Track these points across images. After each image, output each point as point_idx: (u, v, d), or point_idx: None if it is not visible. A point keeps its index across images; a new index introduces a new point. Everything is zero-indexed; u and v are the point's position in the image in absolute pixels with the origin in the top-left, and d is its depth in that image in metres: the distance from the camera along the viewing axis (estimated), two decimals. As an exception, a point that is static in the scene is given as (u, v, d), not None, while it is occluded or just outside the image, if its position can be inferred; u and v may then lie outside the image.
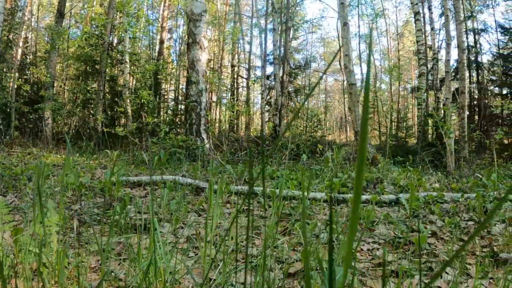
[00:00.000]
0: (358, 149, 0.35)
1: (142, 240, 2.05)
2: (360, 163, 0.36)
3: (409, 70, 32.32)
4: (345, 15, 9.67)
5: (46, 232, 1.47)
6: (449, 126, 7.72)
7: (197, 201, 3.45)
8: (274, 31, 16.33)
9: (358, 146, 0.35)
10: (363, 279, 1.72)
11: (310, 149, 9.88)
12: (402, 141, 13.69)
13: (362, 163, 0.36)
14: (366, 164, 7.97)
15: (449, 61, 12.14)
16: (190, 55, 8.87)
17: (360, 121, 0.38)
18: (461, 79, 10.98)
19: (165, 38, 20.09)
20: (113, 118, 14.13)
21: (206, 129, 8.76)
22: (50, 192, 3.36)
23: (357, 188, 0.37)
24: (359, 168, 0.36)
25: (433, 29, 16.20)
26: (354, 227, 0.40)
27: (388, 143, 10.10)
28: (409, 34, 28.07)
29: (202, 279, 1.40)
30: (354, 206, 0.38)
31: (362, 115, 0.34)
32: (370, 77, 4.60)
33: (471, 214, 3.21)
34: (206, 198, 3.44)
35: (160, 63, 15.49)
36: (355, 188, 0.37)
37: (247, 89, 22.02)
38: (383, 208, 3.58)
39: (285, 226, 2.59)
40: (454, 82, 15.73)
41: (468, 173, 6.74)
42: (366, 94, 0.35)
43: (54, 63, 13.02)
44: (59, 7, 12.63)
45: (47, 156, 7.97)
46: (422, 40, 14.51)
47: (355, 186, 0.37)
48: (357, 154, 0.35)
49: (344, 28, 9.51)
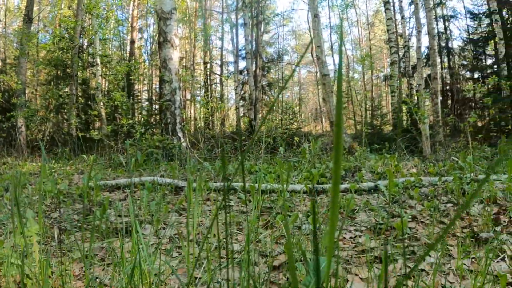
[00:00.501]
0: (334, 138, 0.35)
1: (125, 243, 2.03)
2: (336, 152, 0.36)
3: (381, 59, 32.63)
4: (316, 6, 9.71)
5: (27, 242, 1.45)
6: (423, 112, 7.83)
7: (177, 200, 3.43)
8: (245, 25, 16.32)
9: (334, 136, 0.35)
10: (348, 267, 1.73)
11: (287, 141, 9.91)
12: (377, 129, 13.85)
13: (339, 152, 0.36)
14: (343, 153, 8.04)
15: (420, 48, 12.33)
16: (161, 54, 8.79)
17: (335, 111, 0.38)
18: (432, 65, 11.15)
19: (136, 38, 19.89)
20: (88, 122, 13.94)
21: (182, 128, 8.71)
22: (28, 202, 3.30)
23: (336, 177, 0.37)
24: (336, 157, 0.36)
25: (403, 18, 16.39)
26: (335, 216, 0.40)
27: (364, 132, 10.21)
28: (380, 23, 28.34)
29: (187, 278, 1.39)
30: (334, 195, 0.38)
31: (336, 105, 0.34)
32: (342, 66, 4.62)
33: (449, 197, 3.26)
34: (186, 197, 3.42)
35: (132, 63, 15.31)
36: (334, 176, 0.37)
37: (221, 85, 22.00)
38: (363, 195, 3.62)
39: (267, 220, 2.60)
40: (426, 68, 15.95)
41: (444, 156, 6.85)
42: (339, 84, 0.35)
43: (24, 69, 12.76)
44: (27, 11, 12.37)
45: (22, 165, 7.82)
46: (392, 28, 14.67)
47: (333, 174, 0.37)
48: (333, 144, 0.35)
49: (315, 20, 9.55)
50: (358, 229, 2.38)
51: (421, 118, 7.77)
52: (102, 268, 1.80)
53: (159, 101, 8.81)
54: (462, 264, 1.63)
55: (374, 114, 16.15)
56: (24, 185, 4.27)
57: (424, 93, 9.55)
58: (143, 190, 3.28)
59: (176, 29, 9.07)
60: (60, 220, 2.80)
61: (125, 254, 1.60)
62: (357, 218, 2.67)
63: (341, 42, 0.37)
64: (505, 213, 2.47)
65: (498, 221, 2.28)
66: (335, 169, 0.36)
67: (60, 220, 2.80)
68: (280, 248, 2.02)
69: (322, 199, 3.45)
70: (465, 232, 2.16)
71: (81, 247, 1.73)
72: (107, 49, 18.12)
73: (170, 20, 8.67)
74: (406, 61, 15.93)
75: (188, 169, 4.50)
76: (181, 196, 3.77)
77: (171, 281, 1.63)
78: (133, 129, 10.28)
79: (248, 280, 1.05)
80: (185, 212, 2.99)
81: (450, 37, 17.82)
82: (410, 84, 15.94)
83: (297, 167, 4.92)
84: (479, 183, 3.32)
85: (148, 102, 17.48)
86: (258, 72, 17.08)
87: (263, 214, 2.86)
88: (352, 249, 1.99)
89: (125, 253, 1.72)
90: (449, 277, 1.59)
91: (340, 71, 0.36)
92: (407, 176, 4.38)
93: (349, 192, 3.71)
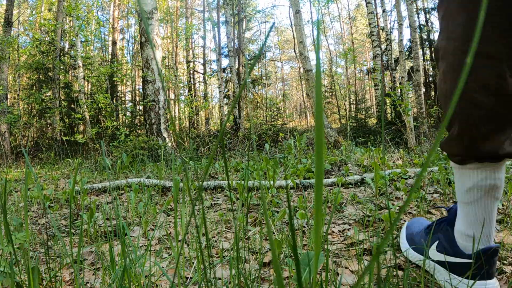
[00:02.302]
0: (315, 130, 0.35)
1: (114, 246, 2.02)
2: (318, 144, 0.36)
3: (363, 53, 32.83)
4: (297, 2, 9.72)
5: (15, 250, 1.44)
6: (406, 104, 7.89)
7: (164, 201, 3.42)
8: (227, 23, 16.28)
9: (315, 128, 0.35)
10: (338, 260, 1.75)
11: (272, 138, 9.92)
12: (362, 122, 13.92)
13: (320, 145, 0.36)
14: (329, 147, 8.07)
15: (402, 41, 12.42)
16: (144, 54, 8.74)
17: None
18: (415, 58, 11.25)
19: (118, 39, 19.74)
20: (71, 125, 13.82)
21: (167, 128, 8.68)
22: (14, 209, 3.26)
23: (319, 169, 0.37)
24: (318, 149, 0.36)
25: (384, 11, 16.48)
26: (319, 209, 0.40)
27: (348, 125, 10.26)
28: (361, 17, 28.49)
29: (177, 278, 1.39)
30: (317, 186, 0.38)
31: (315, 97, 0.35)
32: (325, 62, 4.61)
33: (435, 187, 3.30)
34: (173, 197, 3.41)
35: (114, 65, 15.21)
36: (316, 169, 0.37)
37: (204, 84, 21.93)
38: (350, 189, 3.64)
39: (255, 217, 2.60)
40: (408, 61, 16.10)
41: (429, 147, 6.91)
42: (317, 77, 0.35)
43: (6, 74, 12.59)
44: (6, 15, 12.18)
45: (7, 171, 7.73)
46: (374, 22, 14.74)
47: (316, 166, 0.37)
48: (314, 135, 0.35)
49: (297, 16, 9.56)
50: (346, 222, 2.40)
51: (405, 110, 7.83)
52: (93, 272, 1.79)
53: (143, 101, 8.76)
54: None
55: (358, 108, 16.25)
56: (10, 192, 4.22)
57: (407, 85, 9.62)
58: (130, 192, 3.26)
59: (158, 29, 9.02)
60: (48, 226, 2.78)
61: (114, 257, 1.59)
62: (345, 211, 2.68)
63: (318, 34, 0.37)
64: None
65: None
66: (318, 161, 0.36)
67: (47, 226, 2.78)
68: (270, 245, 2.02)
69: (309, 194, 3.47)
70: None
71: (70, 252, 1.72)
72: (89, 51, 17.98)
73: (152, 20, 8.62)
74: (388, 54, 16.03)
75: (174, 169, 4.48)
76: (169, 196, 3.76)
77: (162, 282, 1.62)
78: (118, 131, 10.21)
79: (239, 277, 1.05)
80: (173, 212, 2.98)
81: (432, 29, 17.97)
82: (393, 77, 16.05)
83: (283, 163, 4.93)
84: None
85: (131, 103, 17.38)
86: (241, 69, 17.07)
87: (251, 211, 2.86)
88: (341, 242, 2.00)
89: (115, 256, 1.71)
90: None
91: (318, 65, 0.36)
92: (393, 168, 4.42)
93: (335, 186, 3.73)
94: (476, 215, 1.30)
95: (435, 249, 1.48)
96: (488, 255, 1.26)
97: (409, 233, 1.78)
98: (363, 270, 1.50)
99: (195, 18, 26.22)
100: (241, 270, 1.44)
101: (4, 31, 12.16)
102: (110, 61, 17.54)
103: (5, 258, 1.50)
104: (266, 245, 2.00)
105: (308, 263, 1.07)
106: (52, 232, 2.59)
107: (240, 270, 1.42)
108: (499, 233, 1.91)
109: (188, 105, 17.30)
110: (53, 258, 1.96)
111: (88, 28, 16.71)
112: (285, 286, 1.39)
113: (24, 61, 14.84)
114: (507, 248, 1.72)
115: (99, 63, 16.71)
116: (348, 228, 2.26)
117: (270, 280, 1.58)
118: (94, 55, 18.91)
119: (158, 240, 2.26)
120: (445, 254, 1.42)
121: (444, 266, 1.41)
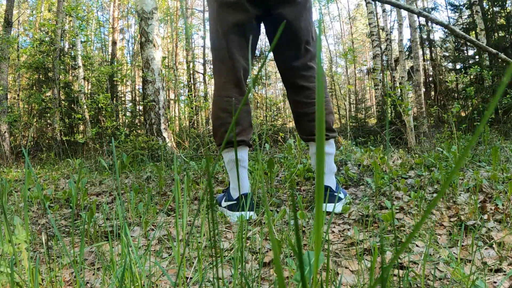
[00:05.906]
0: (315, 130, 0.35)
1: (114, 246, 2.02)
2: (319, 144, 0.36)
3: (363, 53, 32.85)
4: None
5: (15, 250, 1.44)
6: (406, 104, 7.90)
7: (164, 201, 3.42)
8: (227, 23, 16.17)
9: (316, 128, 0.35)
10: (338, 260, 1.75)
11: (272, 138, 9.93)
12: (362, 122, 13.93)
13: (321, 142, 0.36)
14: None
15: (402, 40, 12.43)
16: (144, 54, 8.74)
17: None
18: (415, 58, 11.26)
19: (118, 39, 19.75)
20: (71, 125, 13.81)
21: (167, 128, 8.68)
22: (14, 209, 3.26)
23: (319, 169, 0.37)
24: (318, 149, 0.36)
25: (384, 11, 16.49)
26: (320, 209, 0.40)
27: (348, 125, 10.26)
28: (361, 17, 28.52)
29: (178, 279, 1.39)
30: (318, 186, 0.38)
31: (316, 97, 0.35)
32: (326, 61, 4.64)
33: (435, 187, 3.30)
34: (174, 197, 3.41)
35: (115, 65, 15.21)
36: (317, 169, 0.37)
37: (204, 84, 21.92)
38: (350, 189, 3.64)
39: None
40: (408, 60, 16.10)
41: (429, 147, 6.91)
42: (318, 76, 0.35)
43: (6, 74, 12.59)
44: (6, 15, 12.17)
45: (7, 172, 7.72)
46: (374, 22, 14.76)
47: (316, 166, 0.37)
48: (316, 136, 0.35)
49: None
50: (346, 222, 2.40)
51: (405, 110, 7.84)
52: (93, 272, 1.79)
53: (143, 101, 8.76)
54: (452, 253, 1.65)
55: (358, 108, 16.25)
56: (10, 192, 4.22)
57: (407, 85, 9.63)
58: (130, 192, 3.26)
59: (158, 29, 9.03)
60: (48, 226, 2.77)
61: (115, 257, 1.59)
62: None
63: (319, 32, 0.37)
64: (491, 201, 2.50)
65: (484, 209, 2.31)
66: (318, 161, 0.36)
67: (47, 226, 2.78)
68: (270, 245, 2.02)
69: (309, 193, 3.46)
70: (452, 221, 2.19)
71: (71, 253, 1.72)
72: (89, 50, 17.98)
73: (152, 20, 8.62)
74: (388, 54, 16.04)
75: (174, 169, 4.48)
76: (169, 196, 3.75)
77: (162, 282, 1.62)
78: (118, 131, 10.21)
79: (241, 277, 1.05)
80: (173, 212, 2.98)
81: (432, 29, 18.00)
82: (393, 76, 16.06)
83: (283, 163, 4.93)
84: (462, 172, 3.37)
85: (131, 103, 17.38)
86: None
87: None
88: (341, 242, 2.00)
89: (115, 256, 1.71)
90: (439, 266, 1.60)
91: (319, 62, 0.36)
92: (393, 168, 4.42)
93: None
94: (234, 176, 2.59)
95: (224, 201, 2.66)
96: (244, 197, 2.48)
97: (220, 196, 2.87)
98: (363, 270, 1.50)
99: (195, 18, 26.23)
100: (241, 270, 1.44)
101: (4, 31, 12.15)
102: (110, 61, 17.54)
103: (5, 259, 1.50)
104: (266, 245, 2.00)
105: (308, 263, 1.07)
106: (52, 232, 2.59)
107: (241, 270, 1.42)
108: (499, 233, 1.91)
109: (188, 105, 17.29)
110: (53, 258, 1.96)
111: (88, 28, 16.71)
112: (285, 286, 1.39)
113: (24, 61, 14.83)
114: (507, 248, 1.72)
115: (99, 63, 16.70)
116: (348, 228, 2.26)
117: (270, 280, 1.58)
118: (94, 55, 18.92)
119: (158, 240, 2.26)
120: (226, 201, 2.63)
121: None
